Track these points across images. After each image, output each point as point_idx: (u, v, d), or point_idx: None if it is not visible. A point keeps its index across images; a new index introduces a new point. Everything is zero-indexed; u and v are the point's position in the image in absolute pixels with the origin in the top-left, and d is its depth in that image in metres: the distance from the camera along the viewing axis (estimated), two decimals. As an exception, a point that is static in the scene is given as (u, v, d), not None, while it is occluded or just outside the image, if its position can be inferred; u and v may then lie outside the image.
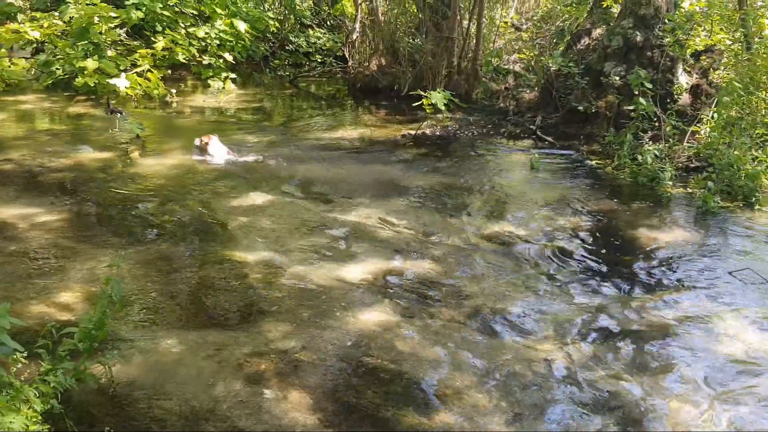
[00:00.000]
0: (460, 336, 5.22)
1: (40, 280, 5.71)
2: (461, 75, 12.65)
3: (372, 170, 9.02)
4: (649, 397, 4.56)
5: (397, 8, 13.92)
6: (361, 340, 5.09)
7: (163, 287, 5.72)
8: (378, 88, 13.38)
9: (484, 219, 7.48)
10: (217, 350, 4.87)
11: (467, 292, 5.86)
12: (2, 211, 7.08)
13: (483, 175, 9.09)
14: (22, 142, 9.62)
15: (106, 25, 13.27)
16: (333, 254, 6.46)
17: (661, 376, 4.81)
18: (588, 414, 4.38)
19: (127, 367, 4.60)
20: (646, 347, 5.18)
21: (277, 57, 16.58)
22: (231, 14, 15.28)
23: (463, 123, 11.40)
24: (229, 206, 7.56)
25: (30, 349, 3.89)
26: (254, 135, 10.66)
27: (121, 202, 7.58)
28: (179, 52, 13.99)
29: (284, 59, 16.47)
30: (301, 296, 5.68)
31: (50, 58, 13.09)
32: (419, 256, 6.49)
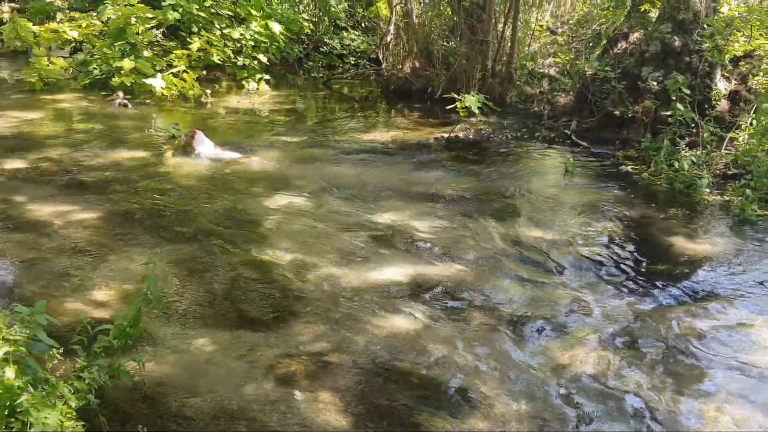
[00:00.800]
0: (490, 341, 5.17)
1: (75, 278, 5.77)
2: (495, 78, 12.59)
3: (404, 173, 9.00)
4: (682, 408, 4.48)
5: (431, 11, 13.89)
6: (391, 343, 5.07)
7: (196, 287, 5.75)
8: (411, 90, 13.36)
9: (516, 224, 7.42)
10: (248, 350, 4.88)
11: (498, 297, 5.82)
12: (39, 208, 7.18)
13: (516, 179, 9.02)
14: (59, 141, 9.75)
15: (143, 25, 13.42)
16: (364, 256, 6.45)
17: (694, 387, 4.73)
18: (618, 424, 4.32)
19: (160, 365, 4.63)
20: (678, 357, 5.09)
21: (311, 59, 16.63)
22: (266, 16, 15.35)
23: (497, 126, 11.34)
24: (262, 207, 7.59)
25: (65, 345, 3.93)
26: (287, 136, 10.70)
27: (156, 201, 7.64)
28: (214, 53, 14.09)
29: (318, 61, 16.52)
30: (331, 298, 5.67)
31: (88, 57, 13.26)
32: (451, 260, 6.45)
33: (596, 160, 9.77)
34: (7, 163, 8.60)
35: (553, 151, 10.31)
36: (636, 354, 5.08)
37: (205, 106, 12.50)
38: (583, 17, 15.52)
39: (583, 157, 9.89)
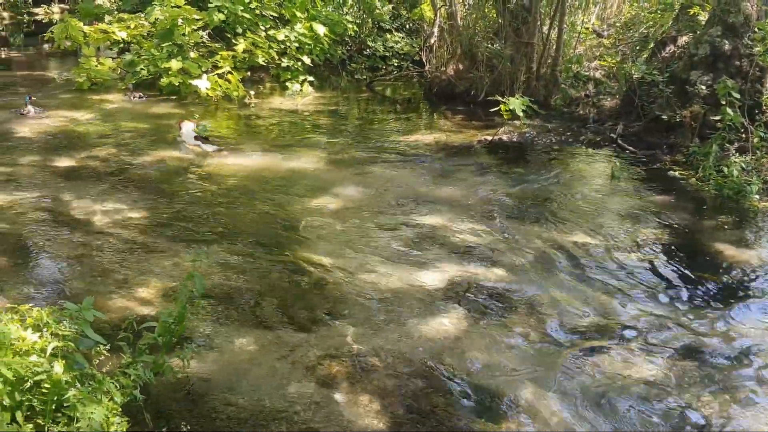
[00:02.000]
0: (533, 346, 5.12)
1: (120, 275, 5.85)
2: (540, 81, 12.46)
3: (447, 175, 8.96)
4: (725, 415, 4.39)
5: (476, 13, 13.80)
6: (433, 346, 5.05)
7: (239, 286, 5.79)
8: (454, 92, 13.29)
9: (560, 228, 7.33)
10: (289, 351, 4.90)
11: (542, 301, 5.75)
12: (87, 206, 7.30)
13: (561, 183, 8.93)
14: (107, 140, 9.91)
15: (189, 26, 13.58)
16: (406, 259, 6.43)
17: (737, 394, 4.63)
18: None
19: (203, 363, 4.67)
20: (722, 364, 5.00)
21: (355, 60, 16.66)
22: (311, 17, 15.42)
23: (541, 130, 11.23)
24: (304, 208, 7.61)
25: (111, 341, 3.98)
26: (329, 137, 10.73)
27: (200, 200, 7.71)
28: (259, 54, 14.20)
29: (361, 63, 16.54)
30: (373, 300, 5.67)
31: (135, 58, 13.46)
32: (494, 264, 6.40)
33: (643, 165, 9.61)
34: (56, 162, 8.76)
35: (599, 155, 10.17)
36: (679, 361, 4.99)
37: (249, 106, 12.59)
38: (630, 20, 15.28)
39: (630, 162, 9.74)
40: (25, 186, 7.82)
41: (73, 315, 3.70)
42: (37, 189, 7.73)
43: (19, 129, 10.20)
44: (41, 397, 3.27)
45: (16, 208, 7.18)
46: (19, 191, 7.64)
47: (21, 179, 8.05)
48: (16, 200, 7.37)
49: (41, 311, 3.61)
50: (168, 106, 12.20)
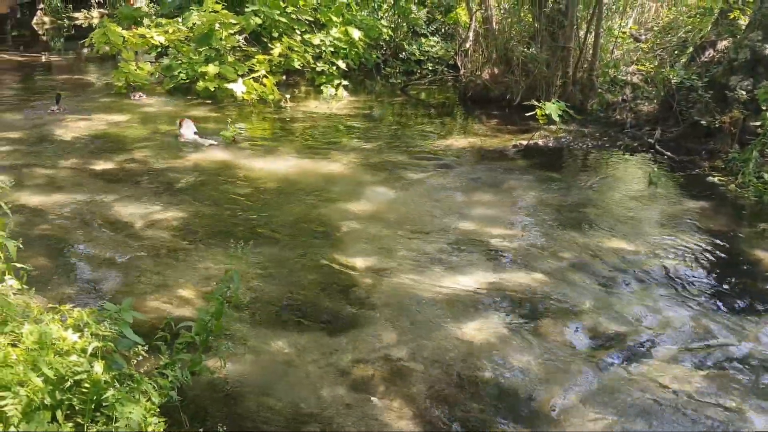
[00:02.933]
0: (567, 352, 5.07)
1: (158, 276, 5.92)
2: (576, 85, 12.36)
3: (481, 180, 8.92)
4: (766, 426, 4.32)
5: (511, 17, 13.74)
6: (467, 351, 5.03)
7: (274, 288, 5.82)
8: (489, 97, 13.25)
9: (597, 234, 7.26)
10: (324, 353, 4.91)
11: (578, 307, 5.70)
12: (125, 208, 7.40)
13: (597, 188, 8.84)
14: (145, 143, 10.04)
15: (226, 31, 13.71)
16: (440, 263, 6.42)
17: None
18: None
19: (239, 364, 4.70)
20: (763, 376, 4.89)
21: (389, 64, 16.68)
22: (346, 22, 15.47)
23: (577, 135, 11.13)
24: (339, 211, 7.63)
25: (148, 342, 4.02)
26: (364, 141, 10.75)
27: (235, 202, 7.77)
28: (295, 58, 14.28)
29: (396, 67, 16.55)
30: (407, 304, 5.66)
31: (173, 62, 13.62)
32: (529, 269, 6.36)
33: (681, 171, 9.48)
34: (96, 164, 8.89)
35: (636, 161, 10.05)
36: (718, 371, 4.90)
37: (284, 110, 12.66)
38: (668, 24, 15.10)
39: (668, 168, 9.62)
40: (65, 188, 7.95)
41: (113, 315, 3.74)
42: (76, 191, 7.85)
43: (60, 132, 10.38)
44: (81, 397, 3.31)
45: (56, 209, 7.30)
46: (59, 193, 7.76)
47: (61, 181, 8.19)
48: (56, 202, 7.49)
49: (81, 312, 3.66)
50: (205, 110, 12.32)
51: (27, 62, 17.02)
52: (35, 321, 3.67)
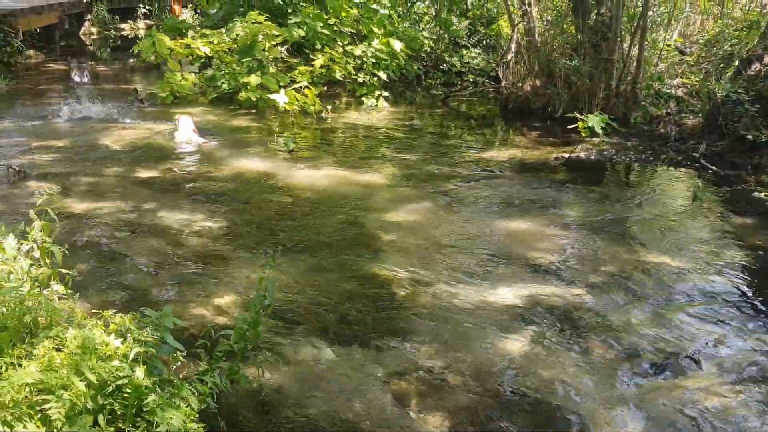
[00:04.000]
0: (609, 369, 4.99)
1: (198, 284, 5.97)
2: (619, 98, 12.22)
3: (522, 192, 8.85)
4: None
5: (554, 29, 13.66)
6: (506, 365, 4.98)
7: (312, 298, 5.83)
8: (531, 109, 13.17)
9: (640, 248, 7.15)
10: (361, 365, 4.90)
11: (619, 323, 5.61)
12: (168, 216, 7.49)
13: (640, 202, 8.71)
14: (187, 152, 10.17)
15: (269, 42, 13.85)
16: (480, 275, 6.37)
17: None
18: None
19: (276, 373, 4.71)
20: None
21: (430, 76, 16.68)
22: (388, 33, 15.54)
23: (620, 148, 11.00)
24: (378, 221, 7.63)
25: (188, 348, 4.05)
26: (404, 152, 10.76)
27: (275, 211, 7.82)
28: (336, 69, 14.37)
29: (437, 78, 16.55)
30: (446, 316, 5.62)
31: (216, 73, 13.79)
32: (569, 283, 6.28)
33: (726, 186, 9.31)
34: (139, 172, 9.03)
35: (680, 175, 9.90)
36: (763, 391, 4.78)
37: (325, 121, 12.74)
38: (713, 37, 14.90)
39: (712, 182, 9.45)
40: (109, 196, 8.08)
41: (154, 322, 3.78)
42: (120, 199, 7.97)
43: (105, 141, 10.57)
44: (122, 401, 3.33)
45: (100, 216, 7.41)
46: (103, 201, 7.89)
47: (105, 189, 8.32)
48: (100, 209, 7.61)
49: (124, 317, 3.70)
50: (247, 119, 12.46)
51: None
52: (79, 326, 3.72)
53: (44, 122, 11.60)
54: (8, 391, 3.15)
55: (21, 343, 3.61)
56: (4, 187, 8.20)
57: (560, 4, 14.34)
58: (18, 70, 16.34)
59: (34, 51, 18.65)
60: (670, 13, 14.50)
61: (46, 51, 19.52)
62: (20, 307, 3.74)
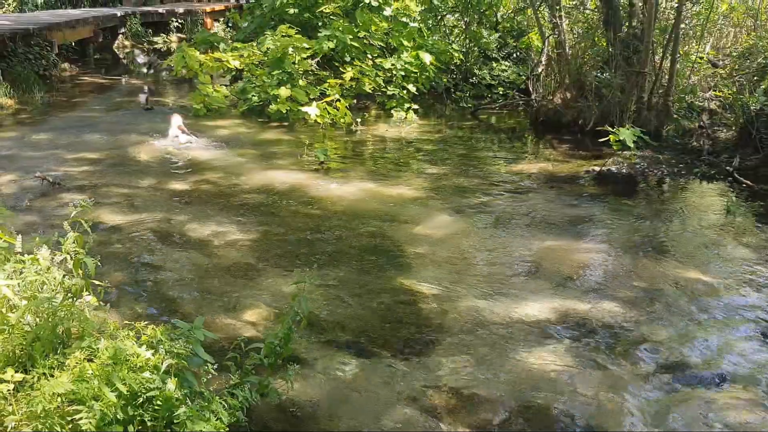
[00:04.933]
0: (642, 385, 4.91)
1: (229, 296, 5.99)
2: (651, 111, 12.11)
3: (553, 205, 8.79)
4: None
5: (585, 42, 13.60)
6: (536, 381, 4.92)
7: (342, 311, 5.82)
8: (561, 122, 13.09)
9: (672, 263, 7.06)
10: (391, 379, 4.87)
11: (652, 338, 5.52)
12: (199, 228, 7.54)
13: (673, 217, 8.61)
14: (218, 164, 10.24)
15: (299, 55, 13.94)
16: (511, 289, 6.32)
17: None
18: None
19: (306, 387, 4.70)
20: None
21: (460, 88, 16.67)
22: (417, 46, 15.56)
23: (652, 161, 10.88)
24: (409, 234, 7.62)
25: (218, 361, 4.06)
26: (433, 165, 10.75)
27: (305, 224, 7.84)
28: (366, 82, 14.41)
29: (466, 91, 16.53)
30: (476, 331, 5.58)
31: (247, 85, 13.90)
32: (601, 298, 6.21)
33: (760, 200, 9.16)
34: (170, 184, 9.11)
35: (713, 189, 9.77)
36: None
37: (355, 133, 12.77)
38: (747, 49, 14.71)
39: (746, 197, 9.30)
40: (142, 207, 8.16)
41: (185, 333, 3.79)
42: (153, 210, 8.04)
43: (137, 153, 10.70)
44: (153, 413, 3.35)
45: (134, 228, 7.48)
46: (137, 212, 7.97)
47: (138, 201, 8.40)
48: (133, 220, 7.69)
49: (155, 329, 3.73)
50: (277, 132, 12.54)
51: (108, 84, 17.63)
52: (111, 337, 3.75)
53: (78, 134, 11.76)
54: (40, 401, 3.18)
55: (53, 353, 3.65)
56: (38, 198, 8.32)
57: (591, 16, 14.28)
58: (53, 82, 16.60)
59: (69, 64, 18.94)
60: (703, 26, 14.37)
61: (80, 64, 19.83)
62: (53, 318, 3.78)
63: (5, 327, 3.76)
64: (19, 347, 3.69)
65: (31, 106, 13.99)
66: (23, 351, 3.69)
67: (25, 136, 11.60)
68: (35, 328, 3.75)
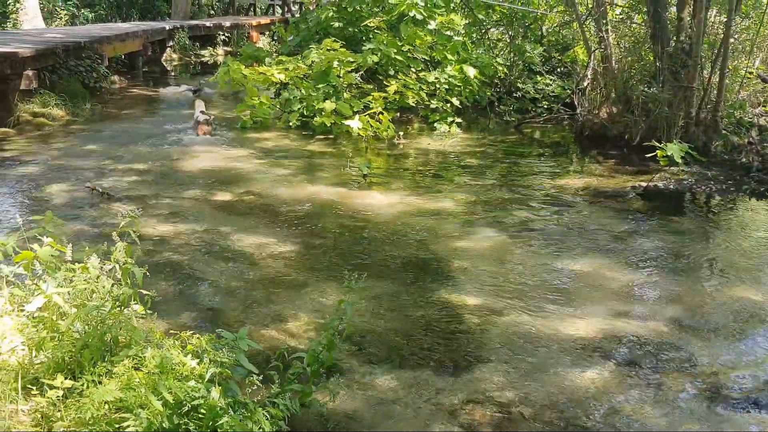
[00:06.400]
0: (691, 408, 4.81)
1: (272, 306, 6.04)
2: (699, 126, 11.92)
3: (598, 221, 8.69)
4: None
5: (632, 56, 13.46)
6: (580, 399, 4.85)
7: (383, 323, 5.82)
8: (606, 136, 12.95)
9: (721, 282, 6.92)
10: (433, 393, 4.85)
11: (699, 359, 5.41)
12: (243, 239, 7.61)
13: (722, 234, 8.45)
14: (263, 176, 10.34)
15: (344, 69, 14.04)
16: (555, 305, 6.26)
17: None
18: None
19: (347, 398, 4.71)
20: None
21: (503, 102, 16.61)
22: (461, 60, 15.56)
23: (700, 177, 10.70)
24: (451, 248, 7.60)
25: (261, 371, 4.09)
26: (476, 178, 10.73)
27: (348, 236, 7.87)
28: (409, 95, 14.44)
29: (510, 105, 16.47)
30: (518, 346, 5.53)
31: (292, 98, 14.03)
32: (649, 317, 6.11)
33: (813, 218, 8.97)
34: (216, 196, 9.22)
35: (763, 206, 9.57)
36: None
37: (398, 146, 12.80)
38: (798, 64, 14.46)
39: (798, 214, 9.12)
40: (187, 218, 8.27)
41: (230, 343, 3.83)
42: (198, 221, 8.15)
43: (184, 164, 10.86)
44: (197, 422, 3.38)
45: (179, 238, 7.59)
46: (182, 223, 8.08)
47: (183, 211, 8.52)
48: (179, 231, 7.79)
49: (201, 338, 3.77)
50: (321, 144, 12.62)
51: (156, 97, 17.94)
52: (157, 346, 3.80)
53: (127, 145, 11.98)
54: (89, 408, 3.23)
55: (101, 360, 3.72)
56: (88, 208, 8.49)
57: (638, 30, 14.14)
58: (103, 94, 16.94)
59: (119, 77, 19.32)
60: (753, 40, 14.14)
61: (129, 77, 20.21)
62: (102, 326, 3.85)
63: (56, 334, 3.85)
64: (69, 354, 3.77)
65: (82, 118, 14.29)
66: (72, 358, 3.77)
67: (75, 146, 11.86)
68: (84, 335, 3.82)
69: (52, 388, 3.39)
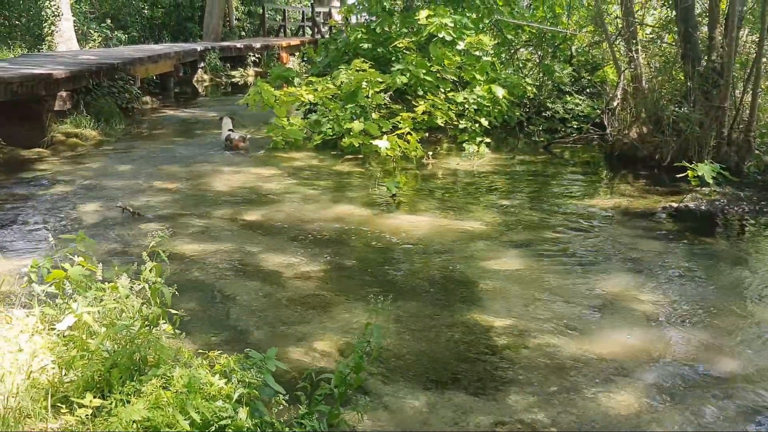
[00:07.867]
0: (722, 427, 4.72)
1: (300, 326, 6.04)
2: (731, 146, 11.78)
3: (628, 241, 8.60)
4: None
5: (662, 75, 13.36)
6: (612, 421, 4.78)
7: (412, 344, 5.79)
8: (637, 157, 12.83)
9: (754, 304, 6.81)
10: (461, 415, 4.81)
11: (733, 380, 5.31)
12: (272, 258, 7.65)
13: (755, 256, 8.32)
14: (291, 196, 10.40)
15: (372, 89, 14.10)
16: (584, 326, 6.19)
17: None
18: None
19: (375, 420, 4.68)
20: None
21: (532, 122, 16.56)
22: (490, 80, 15.55)
23: (732, 198, 10.55)
24: (478, 267, 7.56)
25: (289, 392, 4.08)
26: (505, 199, 10.69)
27: (376, 257, 7.87)
28: (438, 116, 14.46)
29: (539, 125, 16.42)
30: (547, 368, 5.47)
31: (321, 119, 14.13)
32: (680, 340, 6.01)
33: None
34: (245, 215, 9.28)
35: (798, 228, 9.42)
36: None
37: (426, 166, 12.81)
38: (833, 83, 14.23)
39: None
40: (217, 237, 8.32)
41: (257, 363, 3.83)
42: (227, 241, 8.20)
43: (214, 184, 10.96)
44: (224, 442, 3.39)
45: (208, 257, 7.64)
46: (211, 242, 8.13)
47: (213, 231, 8.58)
48: (208, 250, 7.84)
49: (228, 358, 3.78)
50: (350, 165, 12.66)
51: (187, 117, 18.15)
52: (185, 365, 3.82)
53: (157, 165, 12.13)
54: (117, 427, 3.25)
55: (130, 379, 3.74)
56: (119, 227, 8.59)
57: (668, 50, 14.04)
58: (135, 115, 17.19)
59: (150, 97, 19.61)
60: (786, 59, 13.96)
61: (161, 97, 20.50)
62: (131, 345, 3.87)
63: (85, 353, 3.88)
64: (98, 373, 3.79)
65: (114, 138, 14.51)
66: (101, 377, 3.79)
67: (107, 166, 12.03)
68: (113, 354, 3.85)
69: (82, 406, 3.41)
